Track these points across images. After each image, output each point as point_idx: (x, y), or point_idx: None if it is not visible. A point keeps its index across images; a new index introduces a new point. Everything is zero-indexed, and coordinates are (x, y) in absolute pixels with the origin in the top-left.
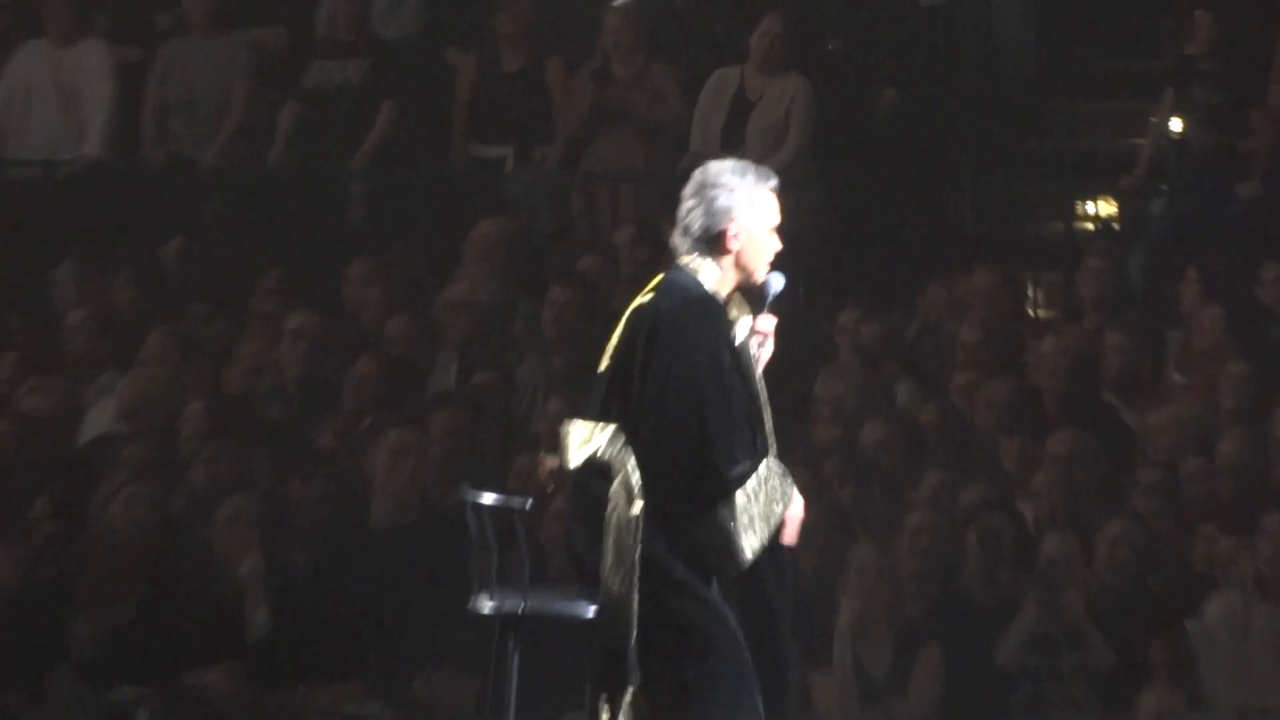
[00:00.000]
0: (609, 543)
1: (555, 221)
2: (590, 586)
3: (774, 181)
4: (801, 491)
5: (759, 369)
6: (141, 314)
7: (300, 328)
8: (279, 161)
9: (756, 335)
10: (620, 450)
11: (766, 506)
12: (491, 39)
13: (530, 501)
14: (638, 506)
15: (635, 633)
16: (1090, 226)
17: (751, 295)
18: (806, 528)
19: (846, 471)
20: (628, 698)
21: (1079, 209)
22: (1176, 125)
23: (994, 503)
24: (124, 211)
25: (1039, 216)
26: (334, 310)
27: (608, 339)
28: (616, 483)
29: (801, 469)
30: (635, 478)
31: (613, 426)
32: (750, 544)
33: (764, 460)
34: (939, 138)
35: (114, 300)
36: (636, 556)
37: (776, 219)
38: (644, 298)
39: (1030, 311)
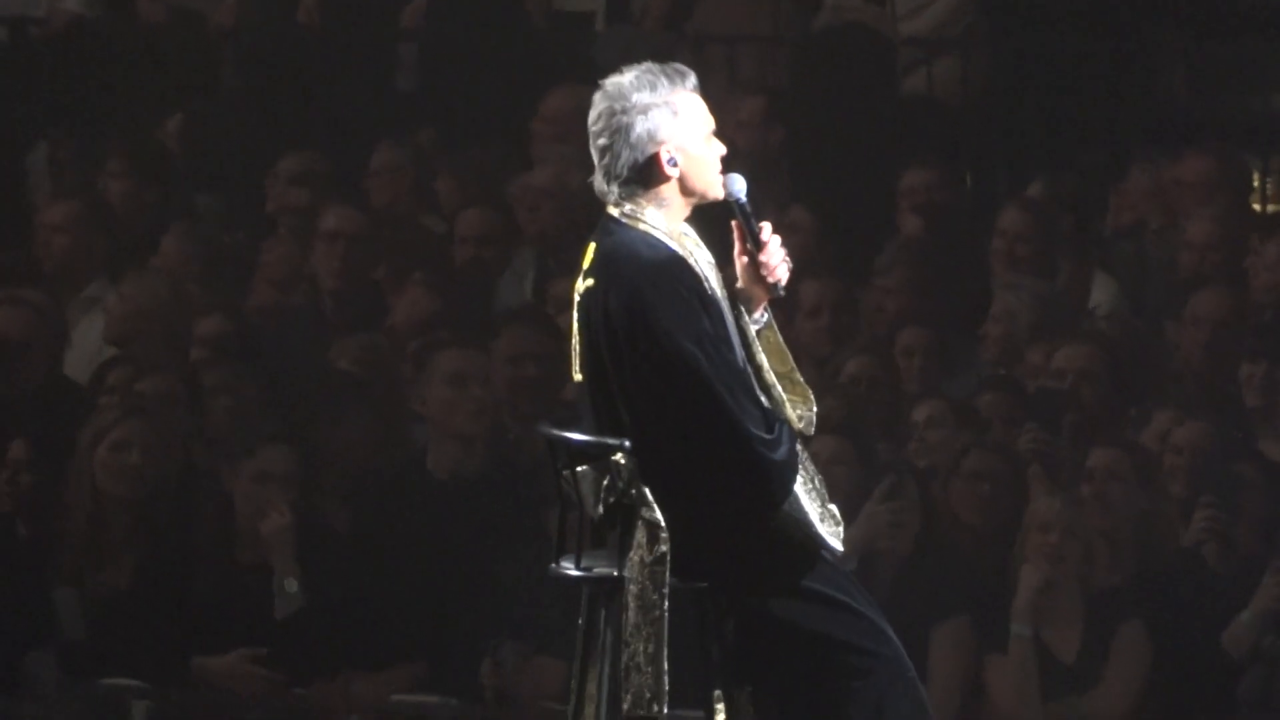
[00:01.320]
0: (628, 596)
1: None
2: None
3: (692, 80)
4: (968, 429)
5: (781, 289)
6: (137, 209)
7: (336, 227)
8: (308, 18)
9: (768, 253)
10: (635, 483)
11: (819, 489)
12: None
13: (629, 442)
14: (662, 546)
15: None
16: None
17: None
18: (975, 475)
19: (1026, 405)
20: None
21: None
22: None
23: (1231, 442)
24: (114, 81)
25: (1268, 87)
26: (377, 205)
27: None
28: (638, 524)
29: (966, 402)
30: (657, 515)
31: (623, 458)
32: (832, 536)
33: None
34: None
35: (103, 192)
36: (665, 610)
37: (711, 122)
38: (586, 280)
39: (1257, 207)
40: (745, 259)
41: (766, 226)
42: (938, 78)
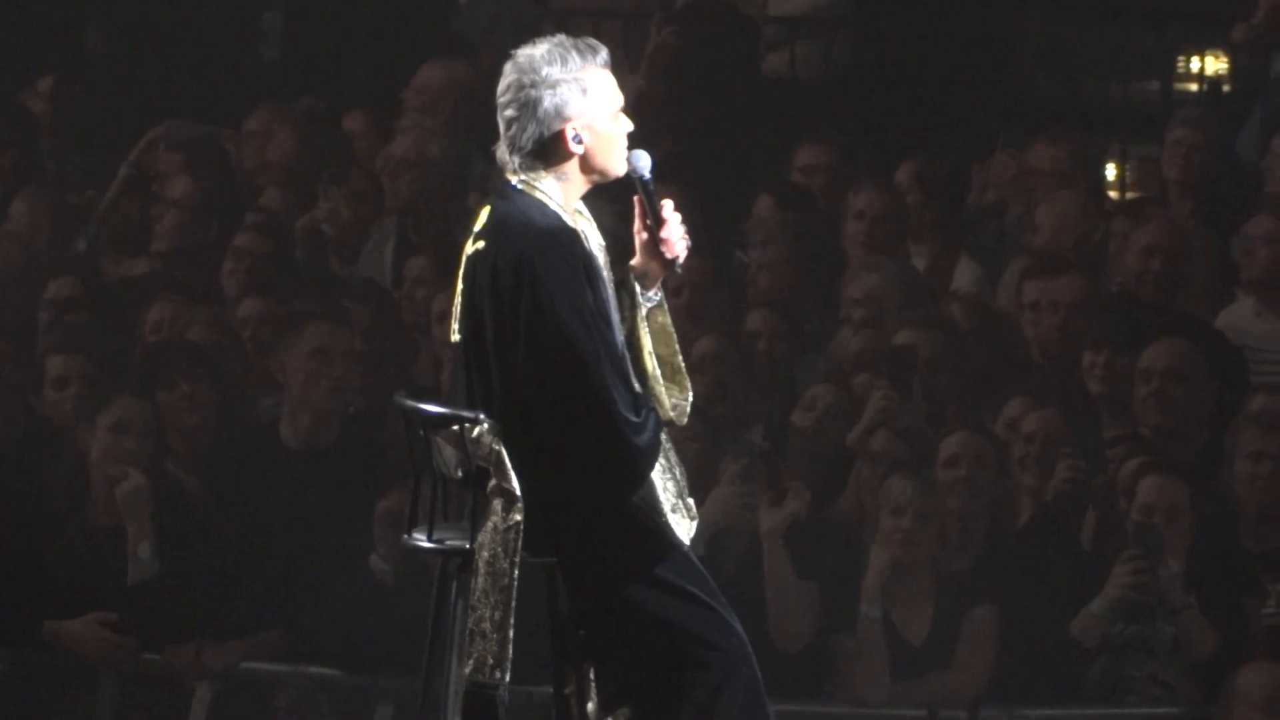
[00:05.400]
0: (479, 562)
1: None
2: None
3: (604, 55)
4: (827, 414)
5: (679, 266)
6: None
7: (184, 193)
8: None
9: (668, 229)
10: (494, 449)
11: (678, 480)
12: None
13: (482, 414)
14: (516, 515)
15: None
16: (1193, 88)
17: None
18: (824, 459)
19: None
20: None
21: (1179, 66)
22: None
23: (1074, 431)
24: None
25: (1127, 75)
26: (236, 169)
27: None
28: (492, 489)
29: (829, 386)
30: (513, 484)
31: (484, 425)
32: (681, 528)
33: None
34: None
35: None
36: (515, 578)
37: (619, 99)
38: (476, 243)
39: (1113, 195)
40: (645, 235)
41: (668, 204)
42: (800, 57)
